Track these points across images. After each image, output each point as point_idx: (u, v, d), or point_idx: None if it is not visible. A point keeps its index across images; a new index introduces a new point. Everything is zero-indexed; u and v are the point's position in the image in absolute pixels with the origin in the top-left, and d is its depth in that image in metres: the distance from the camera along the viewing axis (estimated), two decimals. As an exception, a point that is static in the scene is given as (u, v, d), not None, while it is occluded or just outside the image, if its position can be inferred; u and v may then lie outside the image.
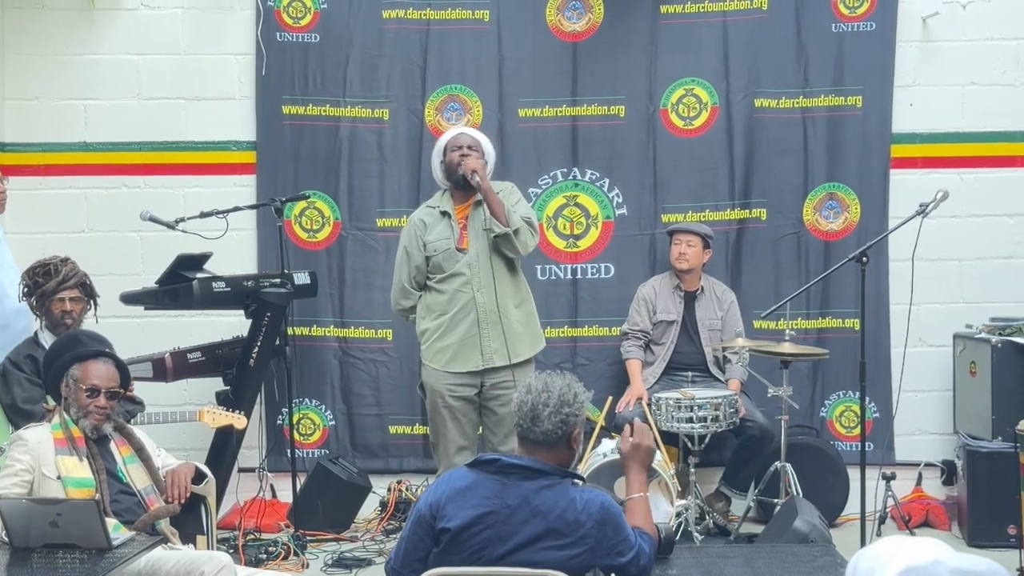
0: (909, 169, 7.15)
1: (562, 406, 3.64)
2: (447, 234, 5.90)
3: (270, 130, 7.20)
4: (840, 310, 7.14)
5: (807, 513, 5.53)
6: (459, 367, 5.85)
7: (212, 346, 6.56)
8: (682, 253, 6.78)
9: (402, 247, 6.03)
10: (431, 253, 5.90)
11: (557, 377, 3.73)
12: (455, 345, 5.85)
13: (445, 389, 5.85)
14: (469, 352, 5.84)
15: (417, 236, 5.94)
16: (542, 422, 3.62)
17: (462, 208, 5.96)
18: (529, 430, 3.64)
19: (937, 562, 1.85)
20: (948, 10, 7.10)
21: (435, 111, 7.15)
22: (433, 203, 6.07)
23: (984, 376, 6.64)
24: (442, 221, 5.94)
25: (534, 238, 5.95)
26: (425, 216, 6.01)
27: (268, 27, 7.13)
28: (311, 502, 6.61)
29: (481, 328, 5.81)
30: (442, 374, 5.87)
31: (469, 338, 5.83)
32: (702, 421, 6.20)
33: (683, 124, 7.15)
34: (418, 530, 3.61)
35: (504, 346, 5.84)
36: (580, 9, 7.16)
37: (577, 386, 3.74)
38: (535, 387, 3.67)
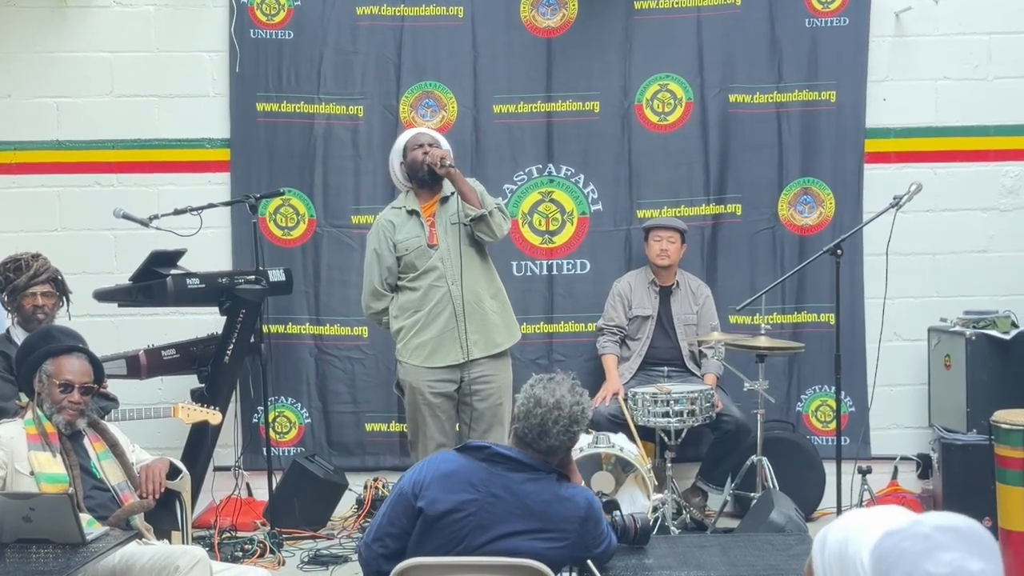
0: (883, 164, 7.16)
1: (572, 424, 3.64)
2: (417, 232, 5.87)
3: (244, 127, 7.17)
4: (815, 305, 7.16)
5: (783, 505, 5.54)
6: (439, 362, 5.82)
7: (187, 343, 6.52)
8: (663, 250, 6.78)
9: (371, 250, 5.98)
10: (402, 252, 5.87)
11: (566, 389, 3.67)
12: (434, 340, 5.83)
13: (425, 386, 5.82)
14: (449, 346, 5.82)
15: (386, 237, 5.90)
16: (550, 437, 3.62)
17: (428, 205, 5.93)
18: (534, 441, 3.62)
19: (917, 522, 1.86)
20: (921, 5, 7.12)
21: (410, 107, 7.14)
22: (398, 204, 6.03)
23: (959, 369, 6.67)
24: (410, 220, 5.90)
25: (507, 221, 5.94)
26: (392, 217, 5.97)
27: (241, 24, 7.11)
28: (287, 500, 6.59)
29: (459, 320, 5.78)
30: (421, 370, 5.84)
31: (448, 331, 5.81)
32: (678, 416, 6.20)
33: (658, 120, 7.16)
34: (397, 507, 3.61)
35: (483, 337, 5.83)
36: (554, 5, 7.16)
37: (585, 400, 3.72)
38: (545, 400, 3.62)
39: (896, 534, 1.86)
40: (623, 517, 3.94)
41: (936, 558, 1.81)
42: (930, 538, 1.83)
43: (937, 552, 1.81)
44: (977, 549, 1.82)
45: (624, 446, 5.99)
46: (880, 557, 1.86)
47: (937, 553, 1.81)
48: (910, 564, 1.82)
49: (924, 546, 1.82)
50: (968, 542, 1.83)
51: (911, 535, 1.85)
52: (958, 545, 1.82)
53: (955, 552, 1.81)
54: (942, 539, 1.82)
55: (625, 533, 3.92)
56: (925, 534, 1.84)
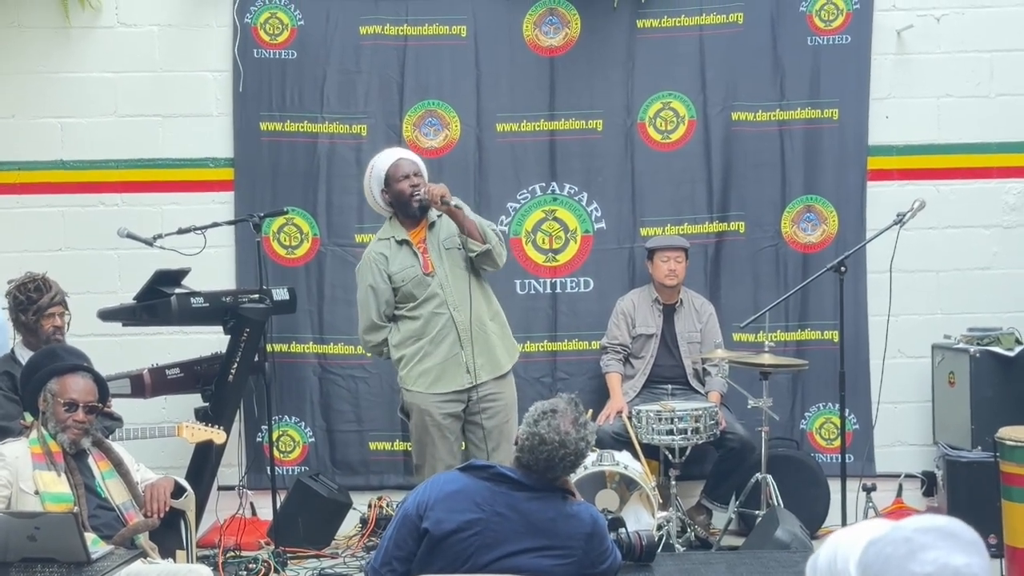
0: (886, 181, 7.17)
1: (578, 458, 3.65)
2: (411, 262, 5.80)
3: (248, 147, 7.19)
4: (819, 322, 7.16)
5: (788, 523, 5.53)
6: (444, 387, 5.75)
7: (190, 362, 6.52)
8: (672, 270, 6.78)
9: (366, 286, 5.87)
10: (399, 284, 5.79)
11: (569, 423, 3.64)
12: (438, 366, 5.77)
13: (434, 407, 5.75)
14: (454, 371, 5.76)
15: (380, 270, 5.81)
16: (556, 471, 3.62)
17: (416, 232, 5.85)
18: (539, 471, 3.62)
19: (897, 527, 1.89)
20: (923, 23, 7.13)
21: (413, 126, 7.16)
22: (385, 235, 5.93)
23: (963, 386, 6.66)
24: (402, 250, 5.83)
25: (505, 248, 5.94)
26: (382, 249, 5.87)
27: (245, 44, 7.13)
28: (291, 519, 6.57)
29: (464, 346, 5.74)
30: (428, 395, 5.80)
31: (452, 357, 5.75)
32: (682, 433, 6.20)
33: (661, 138, 7.17)
34: (402, 529, 3.60)
35: (488, 359, 5.80)
36: (557, 24, 7.18)
37: (589, 430, 3.71)
38: (550, 439, 3.59)
39: (879, 542, 1.88)
40: (628, 535, 3.95)
41: (920, 558, 1.83)
42: (912, 540, 1.85)
43: (920, 553, 1.83)
44: (960, 545, 1.84)
45: (628, 464, 6.00)
46: (866, 567, 1.88)
47: (920, 554, 1.83)
48: (896, 568, 1.84)
49: (907, 548, 1.84)
50: (950, 539, 1.85)
51: (893, 540, 1.87)
52: (940, 543, 1.84)
53: (938, 550, 1.83)
54: (924, 539, 1.85)
55: (631, 551, 3.93)
56: (906, 537, 1.86)
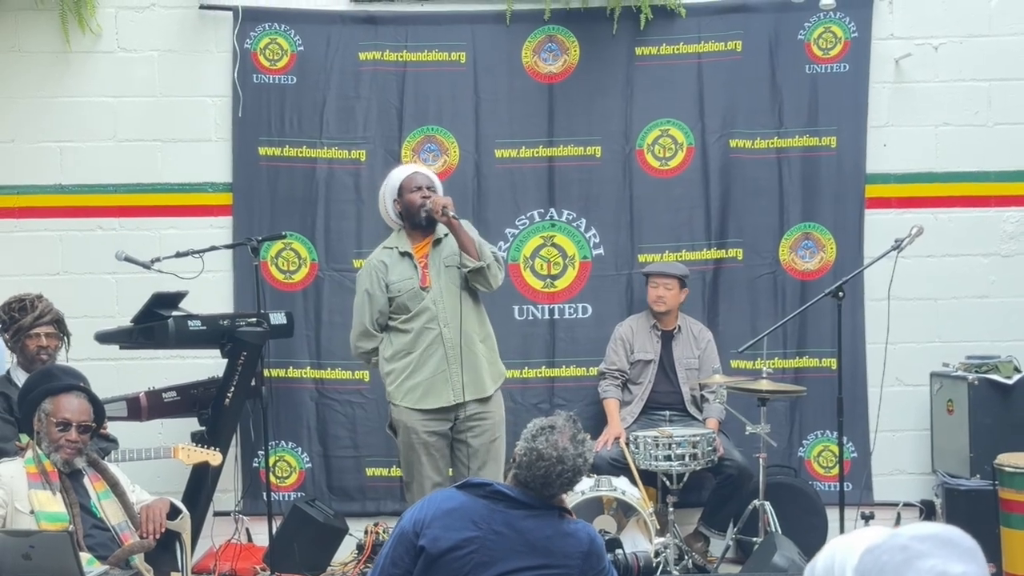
0: (884, 209, 7.18)
1: (575, 475, 3.64)
2: (410, 274, 5.84)
3: (246, 171, 7.19)
4: (817, 349, 7.16)
5: (786, 548, 5.52)
6: (431, 404, 5.79)
7: (187, 386, 6.51)
8: (660, 296, 6.79)
9: (363, 291, 5.93)
10: (395, 294, 5.83)
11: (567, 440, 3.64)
12: (425, 382, 5.79)
13: (419, 425, 5.79)
14: (440, 389, 5.78)
15: (379, 278, 5.86)
16: (553, 488, 3.61)
17: (420, 247, 5.90)
18: (536, 489, 3.60)
19: (894, 535, 1.89)
20: (920, 52, 7.16)
21: (412, 152, 7.16)
22: (390, 244, 5.99)
23: (961, 414, 6.65)
24: (403, 261, 5.87)
25: (502, 271, 5.93)
26: (384, 257, 5.93)
27: (245, 69, 7.14)
28: (287, 544, 6.54)
29: (450, 363, 5.76)
30: (414, 412, 5.81)
31: (439, 374, 5.78)
32: (680, 459, 6.18)
33: (659, 164, 7.18)
34: (399, 547, 3.58)
35: (473, 380, 5.79)
36: (556, 51, 7.20)
37: (587, 448, 3.71)
38: (548, 455, 3.59)
39: (876, 549, 1.88)
40: (626, 555, 3.93)
41: (917, 567, 1.82)
42: (908, 548, 1.85)
43: (917, 561, 1.83)
44: (957, 553, 1.84)
45: (626, 490, 5.98)
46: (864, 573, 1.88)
47: (917, 562, 1.83)
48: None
49: (904, 556, 1.84)
50: (947, 547, 1.84)
51: (890, 548, 1.86)
52: (938, 552, 1.83)
53: (935, 558, 1.83)
54: (921, 547, 1.84)
55: (628, 571, 3.92)
56: (903, 545, 1.85)
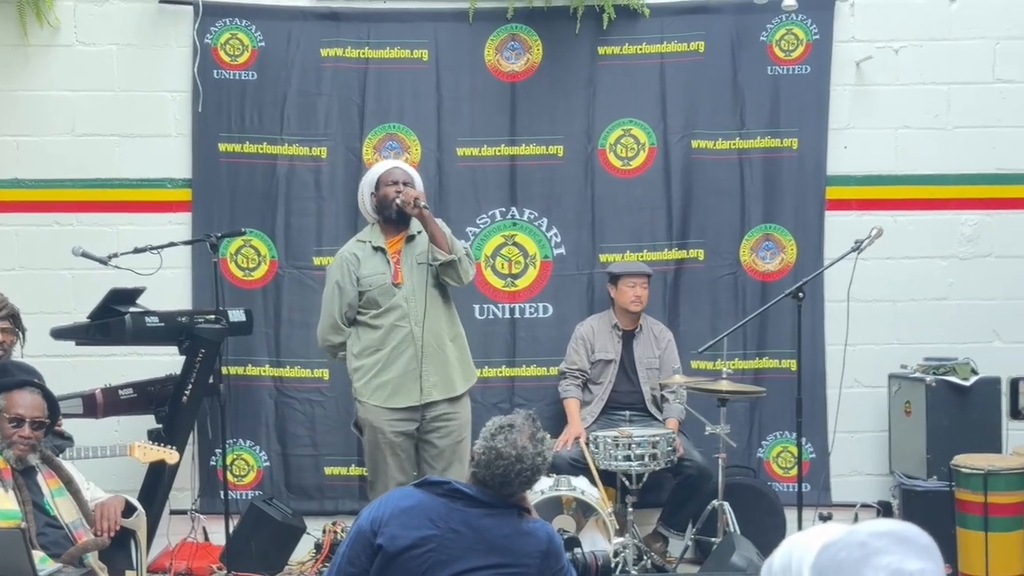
0: (844, 211, 7.20)
1: (534, 474, 3.63)
2: (382, 269, 5.85)
3: (206, 168, 7.14)
4: (776, 351, 7.17)
5: (745, 549, 5.53)
6: (399, 403, 5.78)
7: (144, 383, 6.45)
8: (638, 296, 6.79)
9: (333, 282, 5.95)
10: (366, 288, 5.84)
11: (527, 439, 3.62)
12: (395, 380, 5.78)
13: (386, 425, 5.77)
14: (409, 387, 5.78)
15: (350, 271, 5.87)
16: (511, 487, 3.59)
17: (393, 242, 5.91)
18: (495, 487, 3.59)
19: (852, 532, 1.88)
20: (881, 55, 7.19)
21: (373, 150, 7.13)
22: (363, 237, 6.01)
23: (919, 416, 6.68)
24: (375, 256, 5.88)
25: (473, 267, 5.95)
26: (356, 251, 5.94)
27: (205, 64, 7.08)
28: (244, 543, 6.48)
29: (420, 362, 5.75)
30: (382, 411, 5.79)
31: (409, 372, 5.77)
32: (640, 459, 6.18)
33: (621, 164, 7.18)
34: (356, 545, 3.56)
35: (442, 380, 5.79)
36: (518, 49, 7.19)
37: (546, 447, 3.69)
38: (507, 453, 3.57)
39: (833, 546, 1.87)
40: (584, 554, 3.91)
41: (874, 563, 1.82)
42: (866, 545, 1.84)
43: (874, 557, 1.82)
44: (914, 550, 1.83)
45: (585, 489, 5.97)
46: (820, 571, 1.87)
47: (874, 558, 1.82)
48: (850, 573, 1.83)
49: (861, 553, 1.83)
50: (904, 544, 1.84)
51: (847, 544, 1.86)
52: (895, 548, 1.83)
53: (892, 555, 1.82)
54: (878, 544, 1.84)
55: (586, 570, 3.89)
56: (861, 541, 1.85)
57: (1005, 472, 5.76)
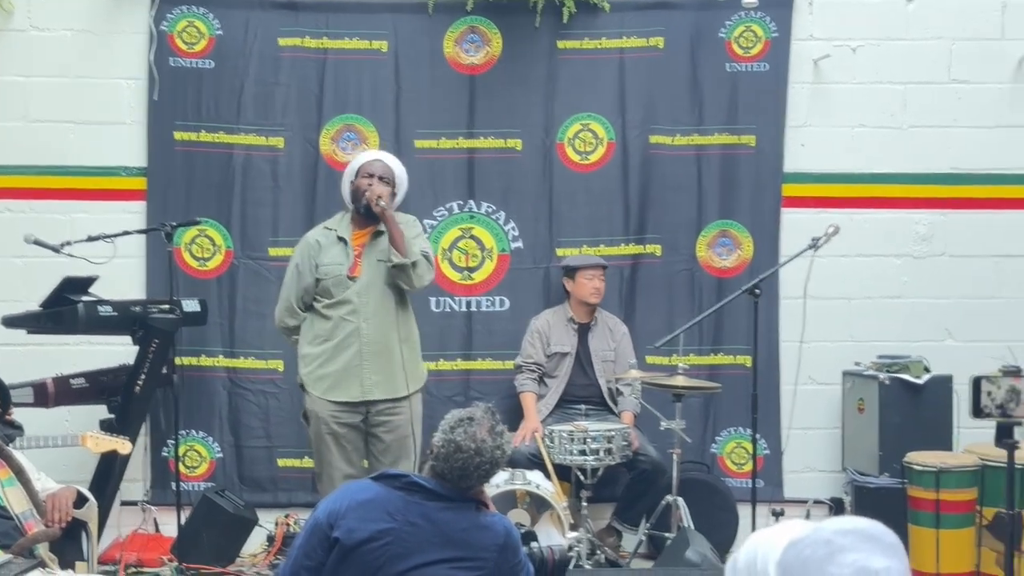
0: (800, 208, 7.22)
1: (493, 467, 3.61)
2: (341, 259, 5.81)
3: (161, 156, 7.07)
4: (731, 346, 7.20)
5: (699, 544, 5.52)
6: (339, 396, 5.76)
7: (96, 373, 6.40)
8: (597, 288, 6.81)
9: (293, 264, 5.95)
10: (322, 276, 5.81)
11: (486, 432, 3.60)
12: (336, 373, 5.76)
13: (329, 416, 5.76)
14: (349, 383, 5.76)
15: (310, 257, 5.85)
16: (470, 480, 3.57)
17: (360, 235, 5.87)
18: (454, 481, 3.56)
19: (818, 529, 1.88)
20: (839, 53, 7.22)
21: (331, 140, 7.09)
22: (331, 225, 5.98)
23: (872, 413, 6.72)
24: (337, 245, 5.85)
25: (430, 272, 5.89)
26: (320, 237, 5.92)
27: (161, 52, 7.02)
28: (196, 535, 6.44)
29: (364, 359, 5.73)
30: (325, 402, 5.78)
31: (351, 368, 5.75)
32: (595, 454, 6.18)
33: (579, 159, 7.18)
34: (312, 538, 3.53)
35: (385, 380, 5.76)
36: (478, 42, 7.16)
37: (505, 440, 3.68)
38: (466, 447, 3.55)
39: (799, 543, 1.87)
40: (541, 549, 3.91)
41: (839, 561, 1.82)
42: (831, 542, 1.84)
43: (839, 555, 1.83)
44: (880, 548, 1.84)
45: (540, 483, 5.96)
46: (786, 568, 1.87)
47: (839, 556, 1.82)
48: (815, 570, 1.83)
49: (826, 551, 1.83)
50: (870, 542, 1.84)
51: (813, 542, 1.86)
52: (860, 546, 1.83)
53: (858, 553, 1.82)
54: (843, 542, 1.84)
55: (543, 565, 3.89)
56: (826, 539, 1.85)
57: (957, 470, 5.81)
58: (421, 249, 5.82)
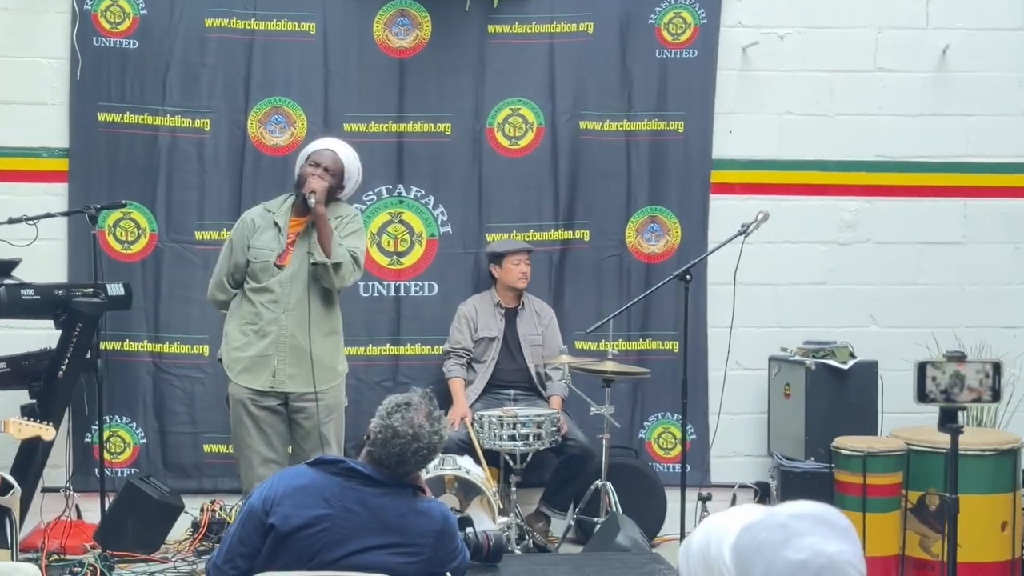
0: (728, 195, 7.27)
1: (430, 453, 3.58)
2: (272, 245, 5.73)
3: (84, 138, 6.96)
4: (660, 332, 7.23)
5: (629, 528, 5.56)
6: (249, 382, 5.70)
7: (18, 357, 6.28)
8: (524, 272, 6.82)
9: (229, 240, 5.89)
10: (252, 259, 5.73)
11: (423, 417, 3.57)
12: (250, 359, 5.69)
13: (248, 399, 5.69)
14: (260, 371, 5.68)
15: (244, 236, 5.77)
16: (408, 465, 3.54)
17: (296, 223, 5.76)
18: (391, 466, 3.53)
19: (772, 513, 1.90)
20: (767, 40, 7.27)
21: (258, 123, 7.02)
22: (272, 207, 5.87)
23: (798, 398, 6.78)
24: (271, 229, 5.75)
25: (354, 274, 5.79)
26: (258, 218, 5.83)
27: (84, 31, 6.90)
28: (120, 522, 6.37)
29: (278, 351, 5.66)
30: (242, 386, 5.72)
31: (264, 357, 5.67)
32: (524, 439, 6.19)
33: (509, 144, 7.17)
34: (247, 525, 3.48)
35: (301, 373, 5.67)
36: (408, 25, 7.12)
37: (442, 425, 3.65)
38: (403, 432, 3.51)
39: (753, 527, 1.88)
40: (476, 534, 3.89)
41: (795, 544, 1.83)
42: (787, 526, 1.86)
43: (795, 539, 1.84)
44: (834, 532, 1.86)
45: (471, 469, 5.96)
46: (741, 552, 1.88)
47: (795, 540, 1.84)
48: (770, 554, 1.84)
49: (782, 535, 1.85)
50: (824, 526, 1.86)
51: (768, 526, 1.87)
52: (815, 530, 1.85)
53: (813, 536, 1.84)
54: (799, 526, 1.85)
55: (478, 550, 3.88)
56: (781, 523, 1.86)
57: (883, 454, 5.88)
58: (350, 249, 5.70)
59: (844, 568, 1.82)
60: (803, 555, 1.81)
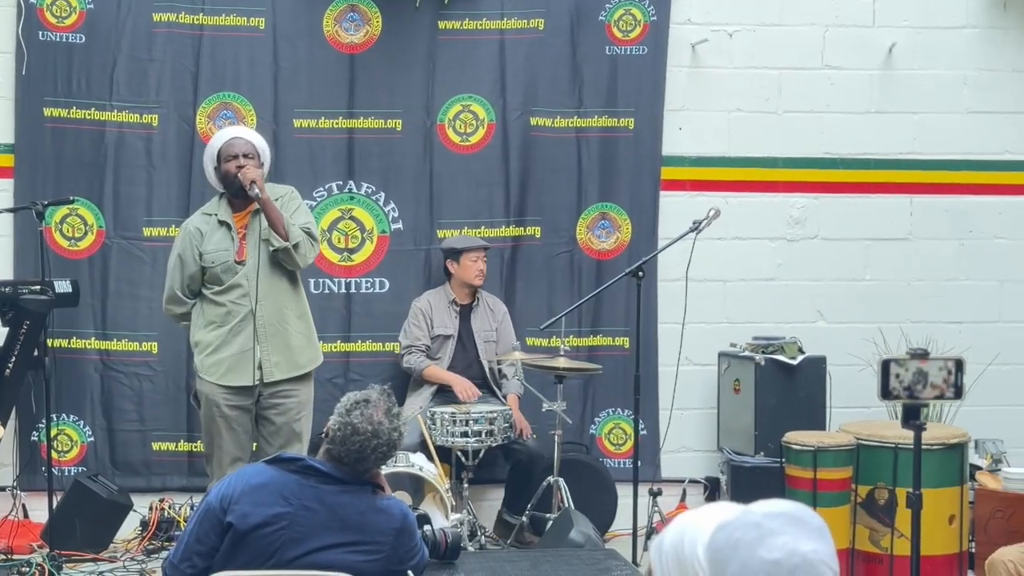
0: (678, 191, 7.30)
1: (390, 449, 3.56)
2: (226, 245, 5.69)
3: (30, 133, 6.89)
4: (610, 328, 7.25)
5: (582, 524, 5.57)
6: (234, 381, 5.66)
7: (-36, 355, 6.21)
8: (481, 270, 6.81)
9: (176, 254, 5.79)
10: (208, 264, 5.67)
11: (382, 414, 3.54)
12: (231, 358, 5.66)
13: (221, 399, 5.66)
14: (244, 367, 5.65)
15: (193, 246, 5.70)
16: (367, 462, 3.53)
17: (240, 216, 5.75)
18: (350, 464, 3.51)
19: (746, 512, 1.90)
20: (716, 38, 7.30)
21: (207, 118, 6.96)
22: (209, 210, 5.84)
23: (747, 393, 6.82)
24: (219, 230, 5.71)
25: (314, 249, 5.81)
26: (201, 224, 5.77)
27: (29, 25, 6.82)
28: (68, 521, 6.30)
29: (260, 342, 5.63)
30: (216, 386, 5.68)
31: (245, 352, 5.64)
32: (477, 436, 6.19)
33: (460, 140, 7.16)
34: (204, 523, 3.45)
35: (285, 359, 5.69)
36: (358, 21, 7.09)
37: (402, 424, 3.62)
38: (363, 429, 3.48)
39: (728, 526, 1.89)
40: (434, 532, 3.89)
41: (769, 543, 1.84)
42: (761, 525, 1.86)
43: (769, 538, 1.84)
44: (807, 531, 1.86)
45: (424, 466, 5.94)
46: (715, 551, 1.88)
47: (769, 539, 1.84)
48: (745, 553, 1.84)
49: (756, 534, 1.85)
50: (798, 525, 1.86)
51: (742, 524, 1.87)
52: (789, 529, 1.85)
53: (787, 536, 1.84)
54: (772, 525, 1.86)
55: (436, 548, 3.88)
56: (756, 522, 1.87)
57: (833, 449, 5.93)
58: (302, 226, 5.71)
59: (818, 567, 1.83)
60: (777, 554, 1.82)
